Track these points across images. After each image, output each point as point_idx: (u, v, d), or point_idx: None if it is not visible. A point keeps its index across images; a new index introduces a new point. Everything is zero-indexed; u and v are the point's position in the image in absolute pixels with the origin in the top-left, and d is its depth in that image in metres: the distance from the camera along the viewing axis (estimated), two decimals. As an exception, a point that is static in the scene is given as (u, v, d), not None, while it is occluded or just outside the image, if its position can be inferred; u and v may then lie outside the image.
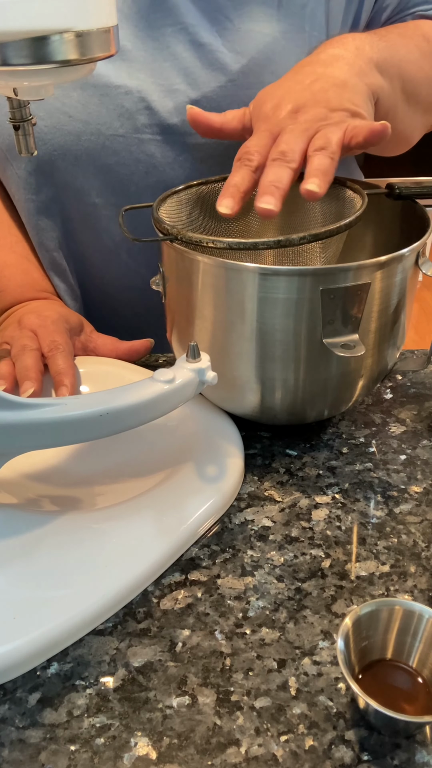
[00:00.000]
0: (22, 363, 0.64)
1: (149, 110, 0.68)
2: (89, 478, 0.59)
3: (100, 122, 0.68)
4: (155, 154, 0.70)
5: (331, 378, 0.58)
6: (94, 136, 0.69)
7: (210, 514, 0.55)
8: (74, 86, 0.67)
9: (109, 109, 0.68)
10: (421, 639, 0.43)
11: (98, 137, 0.69)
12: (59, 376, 0.64)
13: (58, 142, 0.69)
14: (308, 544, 0.54)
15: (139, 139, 0.69)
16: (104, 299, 0.83)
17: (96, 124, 0.68)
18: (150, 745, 0.41)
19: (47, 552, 0.51)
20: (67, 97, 0.67)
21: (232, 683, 0.44)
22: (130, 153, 0.70)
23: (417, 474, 0.61)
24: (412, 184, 0.63)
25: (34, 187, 0.73)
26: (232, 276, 0.53)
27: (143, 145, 0.69)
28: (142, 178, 0.71)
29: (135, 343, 0.74)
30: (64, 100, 0.67)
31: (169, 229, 0.55)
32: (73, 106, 0.67)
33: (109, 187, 0.72)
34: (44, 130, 0.68)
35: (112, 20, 0.42)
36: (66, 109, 0.67)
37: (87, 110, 0.68)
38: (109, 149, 0.69)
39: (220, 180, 0.65)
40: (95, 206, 0.73)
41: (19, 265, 0.77)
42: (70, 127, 0.68)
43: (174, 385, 0.52)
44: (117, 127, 0.68)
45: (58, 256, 0.79)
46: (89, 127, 0.68)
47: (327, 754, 0.40)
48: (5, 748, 0.41)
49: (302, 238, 0.53)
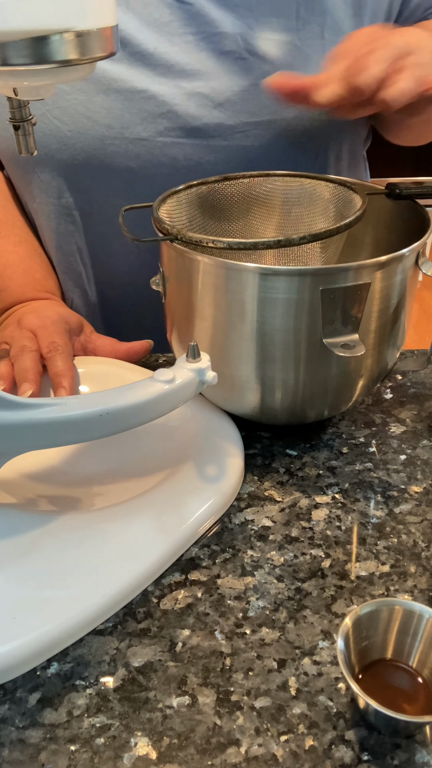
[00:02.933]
0: (21, 364, 0.64)
1: (172, 114, 0.69)
2: (89, 478, 0.59)
3: (123, 126, 0.69)
4: (178, 157, 0.71)
5: (331, 378, 0.58)
6: (118, 140, 0.69)
7: (210, 514, 0.55)
8: (97, 91, 0.67)
9: (132, 114, 0.69)
10: (421, 639, 0.43)
11: (121, 141, 0.69)
12: (58, 378, 0.64)
13: (82, 146, 0.69)
14: (308, 544, 0.54)
15: (162, 142, 0.70)
16: (123, 304, 0.83)
17: (119, 128, 0.69)
18: (150, 745, 0.41)
19: (47, 552, 0.51)
20: (91, 102, 0.68)
21: (232, 683, 0.44)
22: (153, 156, 0.71)
23: (417, 474, 0.61)
24: (412, 184, 0.63)
25: (56, 191, 0.74)
26: (232, 276, 0.53)
27: (166, 149, 0.70)
28: (164, 181, 0.71)
29: (134, 344, 0.74)
30: (88, 105, 0.68)
31: (169, 229, 0.55)
32: (96, 111, 0.68)
33: (131, 190, 0.73)
34: (68, 134, 0.69)
35: (112, 20, 0.42)
36: (90, 114, 0.68)
37: (111, 115, 0.68)
38: (132, 153, 0.70)
39: (221, 180, 0.66)
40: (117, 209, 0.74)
41: (21, 265, 0.77)
42: (94, 132, 0.69)
43: (174, 385, 0.52)
44: (140, 131, 0.69)
45: (75, 261, 0.79)
46: (112, 132, 0.69)
47: (327, 754, 0.40)
48: (5, 748, 0.41)
49: (302, 238, 0.53)
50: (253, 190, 0.67)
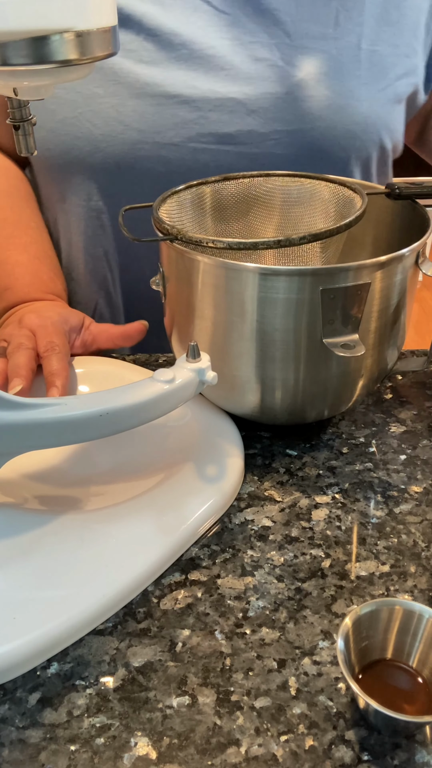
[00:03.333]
0: (14, 360, 0.64)
1: (204, 120, 0.69)
2: (89, 478, 0.59)
3: (156, 131, 0.68)
4: (208, 163, 0.71)
5: (331, 378, 0.58)
6: (149, 145, 0.69)
7: (210, 514, 0.55)
8: (130, 95, 0.67)
9: (164, 118, 0.68)
10: (421, 639, 0.43)
11: (153, 146, 0.69)
12: (51, 377, 0.63)
13: (113, 150, 0.69)
14: (308, 544, 0.54)
15: (192, 148, 0.70)
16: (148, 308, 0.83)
17: (151, 132, 0.68)
18: (150, 745, 0.41)
19: (47, 552, 0.51)
20: (123, 106, 0.67)
21: (232, 683, 0.44)
22: (183, 162, 0.70)
23: (417, 474, 0.61)
24: (412, 184, 0.63)
25: (86, 194, 0.74)
26: (232, 276, 0.53)
27: (197, 154, 0.70)
28: None
29: (128, 326, 0.73)
30: (120, 108, 0.68)
31: (169, 229, 0.55)
32: (128, 115, 0.68)
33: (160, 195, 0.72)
34: (99, 138, 0.68)
35: (112, 20, 0.42)
36: (122, 118, 0.68)
37: (143, 119, 0.68)
38: (163, 158, 0.69)
39: (221, 180, 0.66)
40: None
41: (30, 265, 0.77)
42: (125, 136, 0.68)
43: (174, 385, 0.52)
44: (172, 136, 0.69)
45: (101, 264, 0.80)
46: (144, 136, 0.68)
47: (327, 754, 0.40)
48: (5, 748, 0.41)
49: (302, 238, 0.53)
50: (253, 190, 0.67)
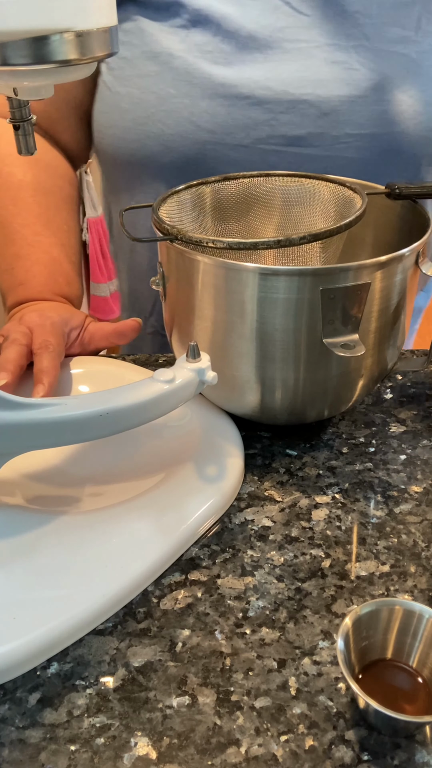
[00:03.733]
0: (5, 355, 0.63)
1: (276, 122, 0.68)
2: (89, 478, 0.59)
3: (226, 132, 0.68)
4: (276, 166, 0.70)
5: (331, 378, 0.58)
6: (219, 146, 0.68)
7: (210, 514, 0.55)
8: (203, 95, 0.67)
9: (236, 119, 0.68)
10: (421, 639, 0.43)
11: (222, 147, 0.69)
12: (40, 374, 0.63)
13: (183, 150, 0.69)
14: (308, 544, 0.54)
15: (262, 150, 0.69)
16: None
17: (221, 133, 0.68)
18: (150, 745, 0.41)
19: (47, 552, 0.51)
20: (196, 107, 0.67)
21: (232, 683, 0.44)
22: (252, 163, 0.70)
23: (417, 474, 0.61)
24: (412, 184, 0.63)
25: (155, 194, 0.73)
26: (232, 276, 0.53)
27: (266, 156, 0.69)
28: None
29: (121, 324, 0.72)
30: (192, 109, 0.67)
31: (169, 229, 0.55)
32: (200, 116, 0.67)
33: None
34: (170, 138, 0.68)
35: (112, 20, 0.42)
36: (194, 119, 0.67)
37: (214, 120, 0.67)
38: (231, 159, 0.69)
39: (221, 180, 0.65)
40: None
41: (49, 266, 0.76)
42: (195, 137, 0.68)
43: (174, 385, 0.52)
44: (242, 137, 0.68)
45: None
46: (214, 137, 0.68)
47: (327, 754, 0.40)
48: (5, 748, 0.41)
49: (302, 238, 0.53)
50: (253, 190, 0.67)
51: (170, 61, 0.67)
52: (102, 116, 0.73)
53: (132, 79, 0.69)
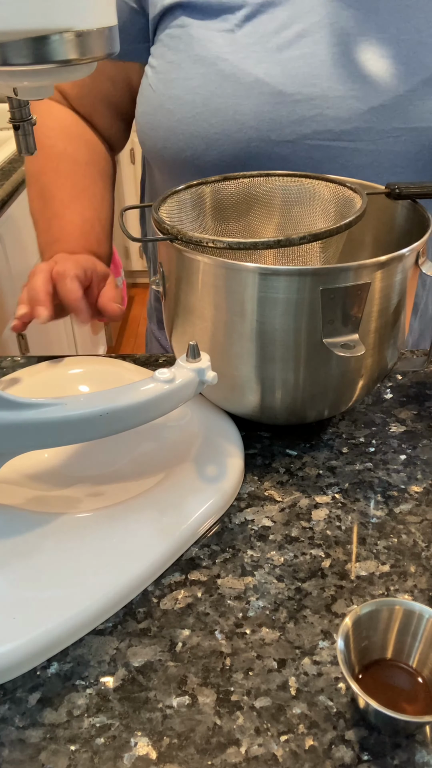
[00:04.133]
0: (31, 284, 0.68)
1: (322, 117, 0.68)
2: (89, 478, 0.59)
3: (271, 129, 0.68)
4: (322, 160, 0.70)
5: (331, 378, 0.58)
6: (264, 143, 0.68)
7: (210, 514, 0.55)
8: (248, 94, 0.66)
9: (281, 116, 0.67)
10: (421, 639, 0.43)
11: (267, 143, 0.68)
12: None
13: (227, 148, 0.69)
14: (308, 544, 0.54)
15: (308, 145, 0.68)
16: None
17: (266, 130, 0.68)
18: (150, 745, 0.41)
19: (47, 552, 0.51)
20: (241, 105, 0.67)
21: (232, 683, 0.44)
22: (298, 158, 0.69)
23: (417, 474, 0.61)
24: (412, 184, 0.63)
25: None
26: (232, 276, 0.53)
27: (312, 151, 0.69)
28: None
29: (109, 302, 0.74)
30: (237, 108, 0.67)
31: (169, 229, 0.55)
32: (245, 114, 0.67)
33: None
34: (215, 136, 0.68)
35: (112, 20, 0.42)
36: (238, 117, 0.67)
37: (259, 117, 0.67)
38: (277, 155, 0.69)
39: (221, 180, 0.65)
40: None
41: (81, 226, 0.80)
42: (241, 134, 0.68)
43: (174, 385, 0.52)
44: (287, 133, 0.68)
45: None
46: (260, 134, 0.68)
47: (327, 754, 0.40)
48: (5, 748, 0.41)
49: (302, 238, 0.53)
50: (253, 190, 0.67)
51: (217, 63, 0.67)
52: (145, 117, 0.73)
53: (178, 81, 0.69)
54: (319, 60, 0.67)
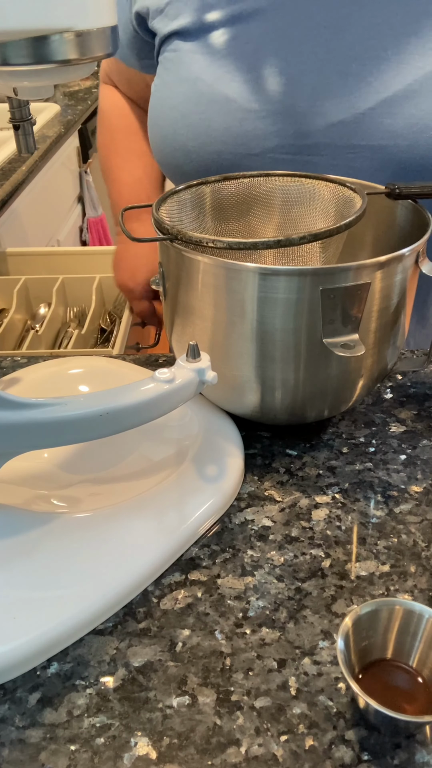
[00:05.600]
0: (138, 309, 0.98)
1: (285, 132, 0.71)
2: (89, 478, 0.59)
3: (239, 143, 0.72)
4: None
5: (331, 378, 0.58)
6: (233, 156, 0.73)
7: (210, 513, 0.55)
8: (219, 112, 0.72)
9: (247, 131, 0.72)
10: (421, 639, 0.43)
11: (236, 156, 0.73)
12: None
13: (202, 159, 0.74)
14: (308, 544, 0.54)
15: (272, 158, 0.73)
16: None
17: (234, 144, 0.73)
18: (150, 745, 0.41)
19: (47, 552, 0.51)
20: (212, 121, 0.73)
21: (232, 683, 0.44)
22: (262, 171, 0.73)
23: (417, 474, 0.61)
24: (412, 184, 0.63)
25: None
26: (232, 276, 0.53)
27: (276, 164, 0.72)
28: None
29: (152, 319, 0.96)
30: (209, 123, 0.72)
31: (169, 229, 0.55)
32: (216, 129, 0.73)
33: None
34: (191, 149, 0.74)
35: (112, 20, 0.42)
36: (210, 132, 0.73)
37: (228, 132, 0.72)
38: (246, 167, 0.72)
39: (221, 180, 0.66)
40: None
41: (133, 186, 0.96)
42: (212, 147, 0.73)
43: (174, 385, 0.52)
44: (252, 146, 0.72)
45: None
46: (228, 147, 0.73)
47: (327, 754, 0.40)
48: (5, 748, 0.41)
49: (302, 238, 0.53)
50: (253, 190, 0.67)
51: (196, 83, 0.72)
52: (149, 129, 0.81)
53: (164, 100, 0.76)
54: (286, 78, 0.70)
